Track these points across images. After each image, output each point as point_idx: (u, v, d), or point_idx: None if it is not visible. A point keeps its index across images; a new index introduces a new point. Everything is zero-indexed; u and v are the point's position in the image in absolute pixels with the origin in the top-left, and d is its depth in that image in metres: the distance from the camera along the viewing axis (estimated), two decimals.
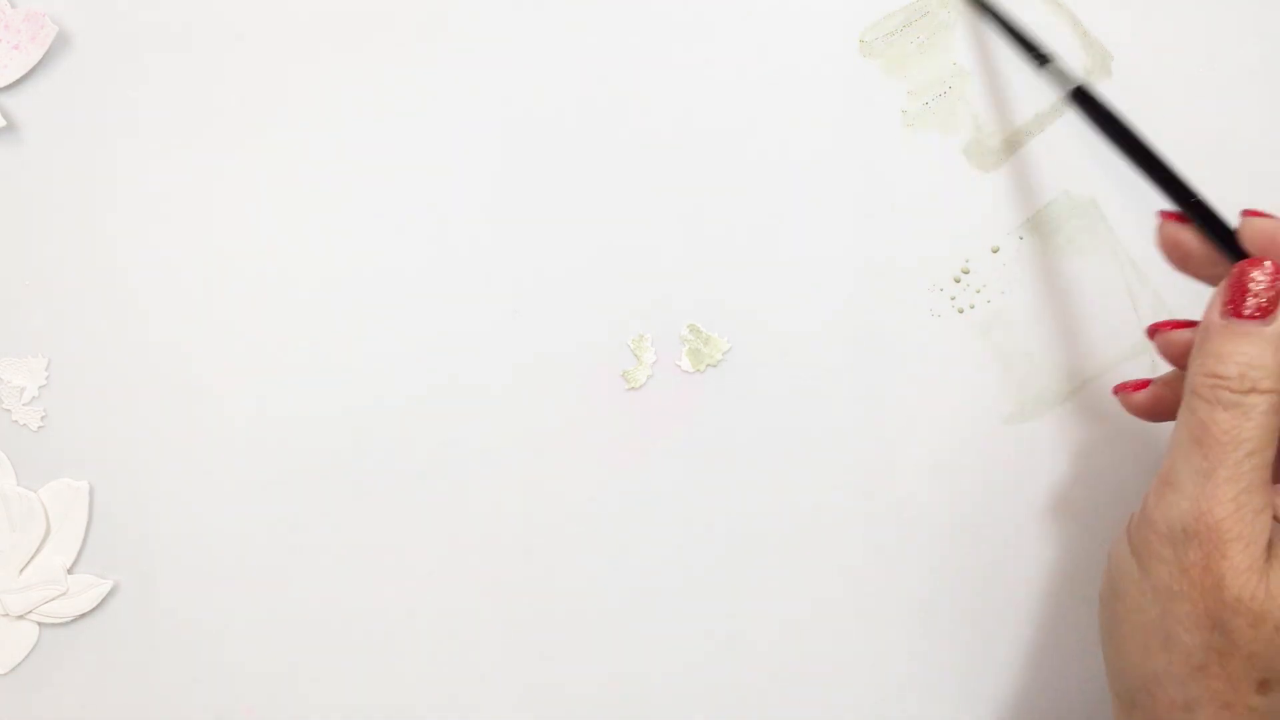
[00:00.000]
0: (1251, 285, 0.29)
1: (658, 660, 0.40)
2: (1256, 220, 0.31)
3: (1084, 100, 0.35)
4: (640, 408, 0.40)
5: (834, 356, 0.40)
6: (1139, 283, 0.40)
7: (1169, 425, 0.32)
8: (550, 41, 0.40)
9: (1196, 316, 0.32)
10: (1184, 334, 0.33)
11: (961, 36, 0.40)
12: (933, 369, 0.40)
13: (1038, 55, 0.37)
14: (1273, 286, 0.29)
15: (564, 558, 0.40)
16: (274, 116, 0.40)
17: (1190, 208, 0.32)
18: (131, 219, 0.40)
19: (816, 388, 0.40)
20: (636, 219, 0.40)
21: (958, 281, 0.40)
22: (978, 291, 0.40)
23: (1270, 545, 0.28)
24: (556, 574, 0.40)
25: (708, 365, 0.40)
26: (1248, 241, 0.31)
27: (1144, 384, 0.35)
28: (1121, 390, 0.35)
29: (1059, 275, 0.40)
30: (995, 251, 0.40)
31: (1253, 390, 0.28)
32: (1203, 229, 0.32)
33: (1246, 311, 0.29)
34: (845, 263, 0.40)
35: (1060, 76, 0.36)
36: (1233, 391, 0.29)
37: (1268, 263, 0.30)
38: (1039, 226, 0.40)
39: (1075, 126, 0.40)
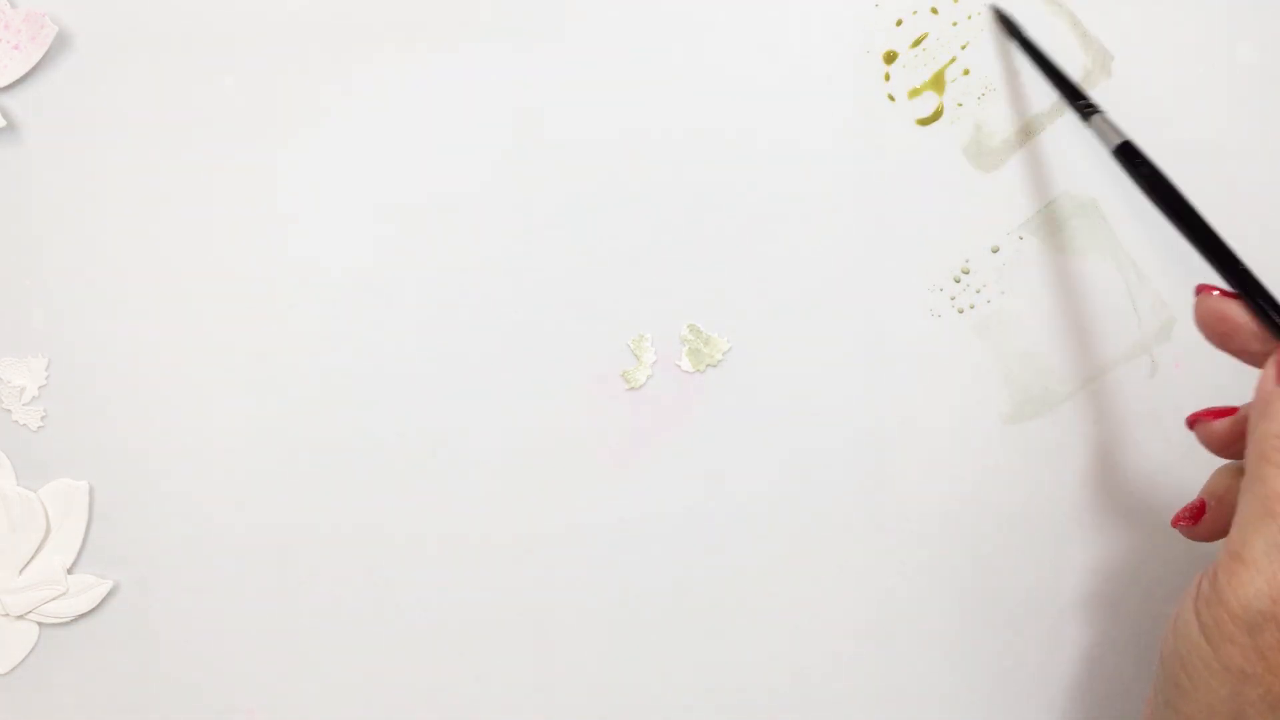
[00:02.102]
0: None
1: (657, 660, 0.40)
2: None
3: (1131, 156, 0.34)
4: (640, 408, 0.40)
5: (834, 356, 0.40)
6: (1139, 283, 0.40)
7: (1166, 426, 0.32)
8: (551, 41, 0.40)
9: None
10: (1225, 423, 0.31)
11: (961, 37, 0.40)
12: (933, 369, 0.40)
13: (1085, 106, 0.36)
14: None
15: (564, 558, 0.40)
16: (274, 116, 0.40)
17: (1238, 279, 0.30)
18: (131, 219, 0.40)
19: (816, 388, 0.40)
20: (637, 219, 0.40)
21: (958, 281, 0.40)
22: (978, 291, 0.40)
23: None
24: (556, 574, 0.40)
25: (708, 365, 0.40)
26: None
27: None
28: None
29: (1059, 275, 0.40)
30: (995, 251, 0.40)
31: None
32: (1250, 303, 0.30)
33: None
34: (845, 263, 0.40)
35: (1107, 129, 0.35)
36: None
37: None
38: (1039, 226, 0.40)
39: (1075, 126, 0.40)
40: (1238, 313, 0.30)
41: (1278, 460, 0.27)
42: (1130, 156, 0.34)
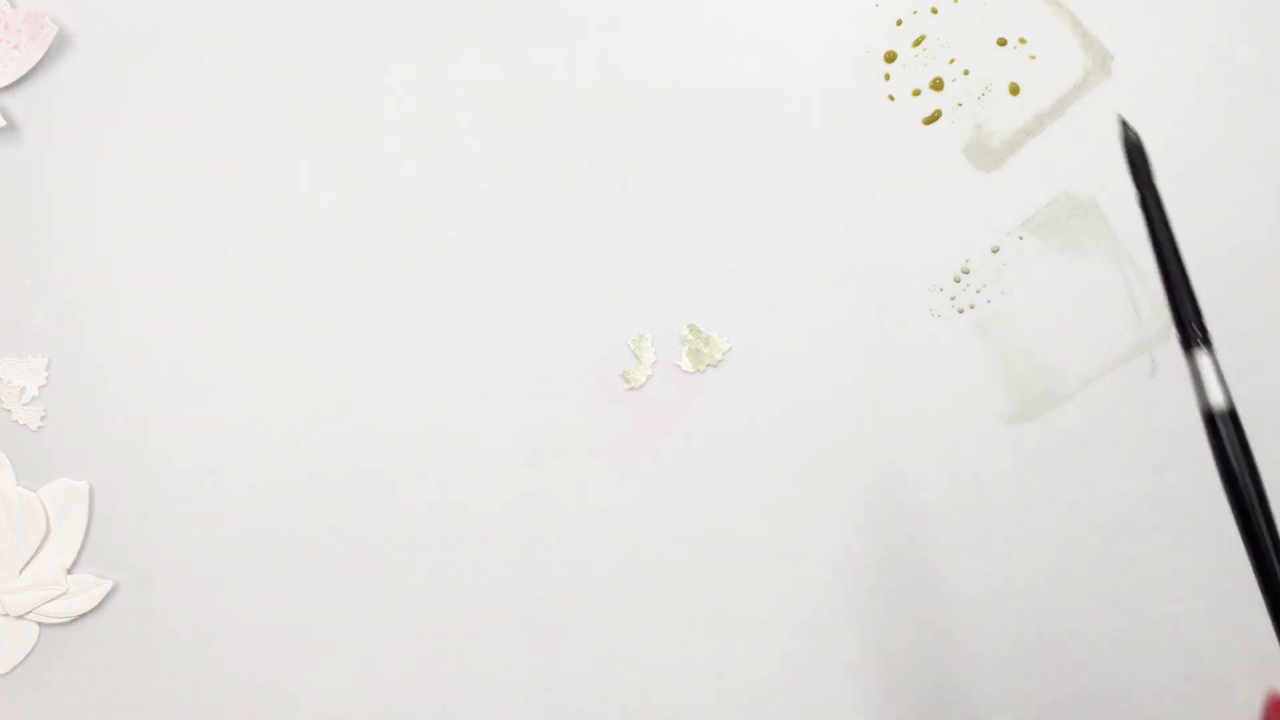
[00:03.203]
0: None
1: (655, 657, 0.40)
2: None
3: (1216, 426, 0.26)
4: (640, 408, 0.40)
5: (834, 356, 0.40)
6: (1139, 283, 0.40)
7: (1166, 426, 0.32)
8: (552, 42, 0.40)
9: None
10: None
11: (960, 38, 0.40)
12: (933, 369, 0.40)
13: (1194, 335, 0.27)
14: None
15: (564, 556, 0.40)
16: (274, 116, 0.40)
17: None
18: (131, 218, 0.40)
19: (816, 387, 0.40)
20: (637, 219, 0.40)
21: (958, 281, 0.40)
22: (978, 291, 0.40)
23: None
24: (556, 573, 0.40)
25: (708, 365, 0.40)
26: None
27: None
28: None
29: (1059, 275, 0.40)
30: (995, 251, 0.40)
31: None
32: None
33: None
34: (845, 263, 0.40)
35: (1210, 375, 0.27)
36: None
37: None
38: (1039, 226, 0.40)
39: (1075, 127, 0.40)
40: None
41: None
42: (1215, 426, 0.26)
